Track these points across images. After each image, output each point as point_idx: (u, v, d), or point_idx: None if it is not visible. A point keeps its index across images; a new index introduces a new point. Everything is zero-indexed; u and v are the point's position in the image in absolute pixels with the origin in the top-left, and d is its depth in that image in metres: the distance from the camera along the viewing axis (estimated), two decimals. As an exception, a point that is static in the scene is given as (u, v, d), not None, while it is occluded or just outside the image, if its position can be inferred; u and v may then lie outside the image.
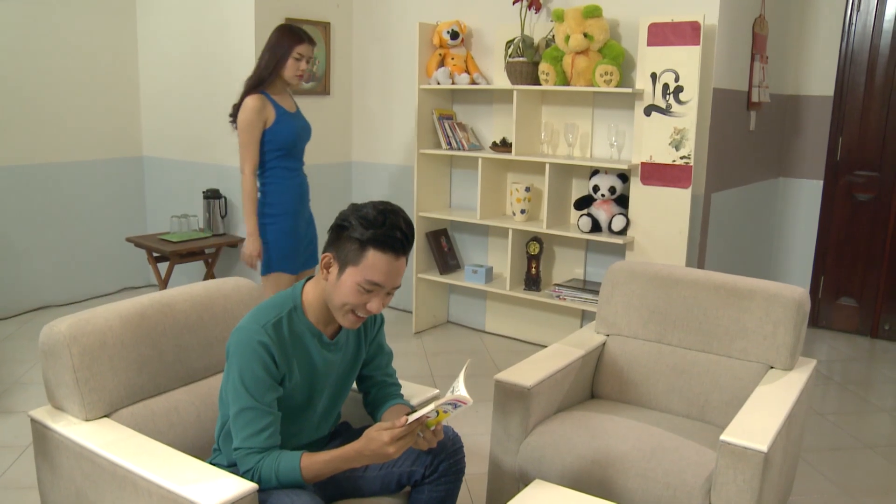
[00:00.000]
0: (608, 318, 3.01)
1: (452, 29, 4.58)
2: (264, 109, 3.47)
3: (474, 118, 4.85)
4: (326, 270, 1.90)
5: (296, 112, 3.68)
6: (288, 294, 1.99)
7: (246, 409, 1.84)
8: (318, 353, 1.98)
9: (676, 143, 3.99)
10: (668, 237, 4.11)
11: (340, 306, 1.89)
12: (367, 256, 1.83)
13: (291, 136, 3.56)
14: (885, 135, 4.92)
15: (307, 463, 1.81)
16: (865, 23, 4.89)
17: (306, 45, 3.51)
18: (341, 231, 1.88)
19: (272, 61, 3.49)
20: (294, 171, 3.65)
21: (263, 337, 1.85)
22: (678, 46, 3.89)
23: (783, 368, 2.70)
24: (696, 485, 2.26)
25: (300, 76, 3.55)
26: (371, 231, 1.83)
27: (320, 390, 2.02)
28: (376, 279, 1.85)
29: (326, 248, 1.92)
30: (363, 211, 1.86)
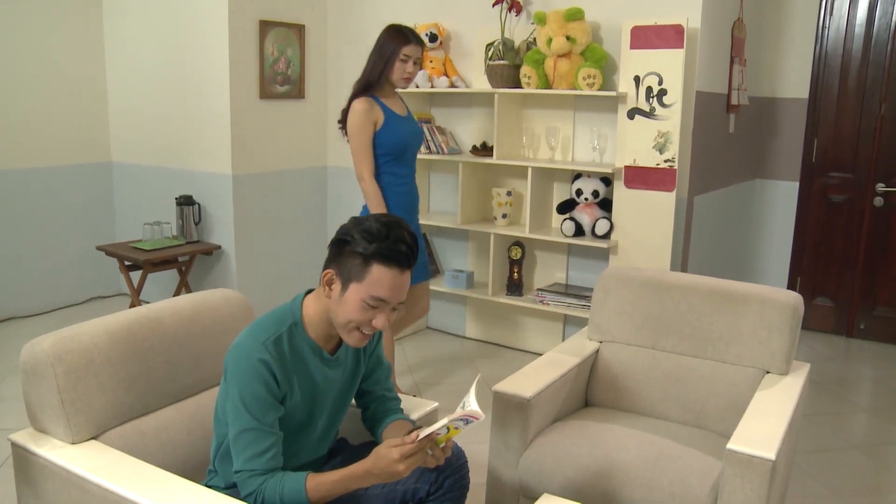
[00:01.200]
0: (601, 325, 2.97)
1: (431, 31, 4.52)
2: (372, 111, 3.38)
3: (453, 122, 4.79)
4: (329, 287, 1.83)
5: (407, 116, 3.56)
6: (287, 308, 1.91)
7: (247, 430, 1.76)
8: (319, 369, 1.91)
9: (660, 147, 3.98)
10: (652, 241, 4.09)
11: (345, 324, 1.82)
12: (371, 271, 1.77)
13: (401, 140, 3.44)
14: (859, 137, 4.97)
15: (313, 485, 1.74)
16: (838, 27, 4.93)
17: (413, 45, 3.39)
18: (343, 246, 1.81)
19: (379, 64, 3.41)
20: (404, 178, 3.51)
21: (264, 354, 1.78)
22: (662, 49, 3.87)
23: (779, 373, 2.69)
24: (701, 494, 2.22)
25: (406, 78, 3.43)
26: (375, 245, 1.76)
27: (321, 408, 1.95)
28: (381, 295, 1.78)
29: (328, 264, 1.85)
30: (366, 224, 1.80)
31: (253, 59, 4.70)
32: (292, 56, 4.94)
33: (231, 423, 1.78)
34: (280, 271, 5.13)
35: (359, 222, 1.81)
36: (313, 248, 5.36)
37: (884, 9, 4.80)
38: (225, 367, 1.83)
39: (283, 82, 4.90)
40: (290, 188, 5.13)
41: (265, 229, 5.00)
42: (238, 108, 4.66)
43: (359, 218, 1.85)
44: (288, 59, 4.91)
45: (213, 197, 4.83)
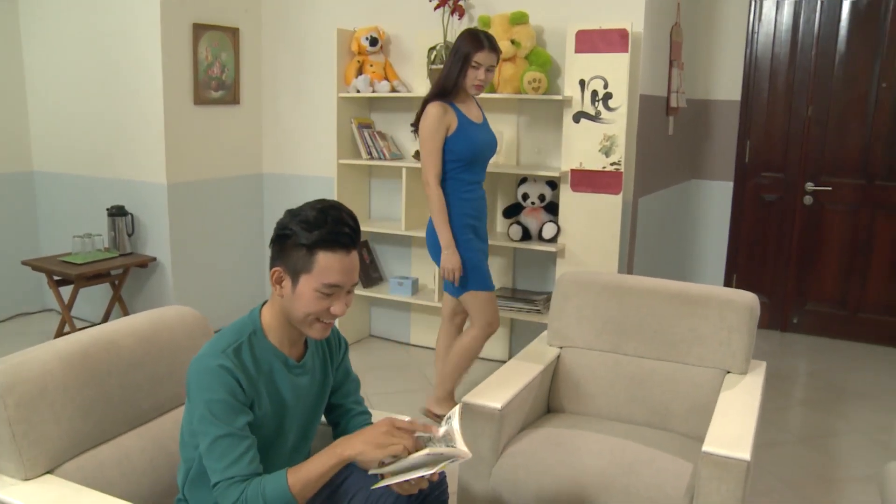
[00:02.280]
0: (561, 331, 2.96)
1: (371, 35, 4.45)
2: (446, 116, 3.30)
3: (393, 127, 4.73)
4: (279, 286, 1.77)
5: (482, 123, 3.48)
6: (245, 319, 1.85)
7: (220, 438, 1.67)
8: (285, 378, 1.84)
9: (606, 150, 4.00)
10: (599, 243, 4.11)
11: (304, 318, 1.77)
12: (317, 260, 1.72)
13: (473, 147, 3.37)
14: (788, 138, 5.12)
15: (294, 479, 1.67)
16: (767, 31, 5.06)
17: (486, 52, 3.27)
18: (284, 240, 1.75)
19: (454, 69, 3.31)
20: (474, 185, 3.44)
21: (224, 361, 1.71)
22: (607, 54, 3.89)
23: (739, 373, 2.73)
24: (677, 497, 2.23)
25: (478, 86, 3.33)
26: (316, 233, 1.71)
27: (291, 420, 1.88)
28: (333, 280, 1.74)
29: (273, 263, 1.79)
30: (302, 214, 1.75)
31: (186, 63, 4.54)
32: (227, 60, 4.79)
33: (202, 437, 1.69)
34: (218, 282, 4.97)
35: (294, 214, 1.76)
36: (251, 257, 5.21)
37: (807, 16, 4.95)
38: (187, 383, 1.75)
39: (217, 87, 4.75)
40: (225, 196, 4.97)
41: (202, 239, 4.83)
42: (172, 115, 4.49)
43: (293, 210, 1.79)
44: (222, 63, 4.76)
45: (146, 207, 4.64)
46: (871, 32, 4.80)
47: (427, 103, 3.33)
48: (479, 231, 3.51)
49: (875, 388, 4.31)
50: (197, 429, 1.70)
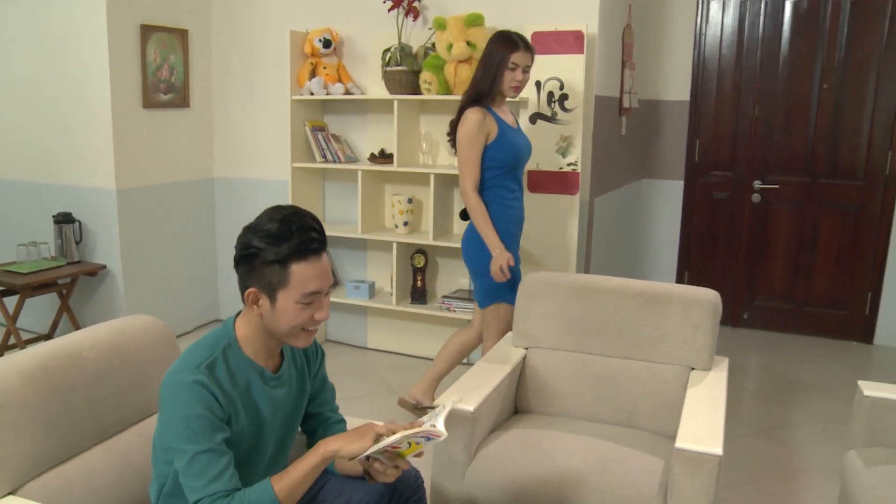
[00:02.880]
0: (527, 331, 2.96)
1: (325, 37, 4.40)
2: (486, 123, 3.20)
3: (347, 129, 4.68)
4: (256, 306, 1.72)
5: (517, 128, 3.38)
6: (219, 332, 1.79)
7: (200, 454, 1.61)
8: (262, 390, 1.79)
9: (563, 151, 4.02)
10: (557, 243, 4.13)
11: (290, 331, 1.73)
12: (292, 273, 1.68)
13: (515, 153, 3.28)
14: (736, 137, 5.22)
15: (280, 486, 1.63)
16: (714, 33, 5.16)
17: (522, 52, 3.18)
18: (252, 260, 1.69)
19: (489, 73, 3.21)
20: (514, 193, 3.35)
21: (199, 376, 1.66)
22: (562, 55, 3.92)
23: (703, 369, 2.77)
24: (651, 494, 2.24)
25: (516, 87, 3.23)
26: (285, 246, 1.67)
27: (268, 433, 1.83)
28: (312, 288, 1.70)
29: (245, 284, 1.73)
30: (263, 229, 1.68)
31: (134, 65, 4.42)
32: (176, 63, 4.69)
33: (179, 455, 1.63)
34: (171, 290, 4.85)
35: (255, 229, 1.70)
36: (204, 263, 5.11)
37: (751, 18, 5.06)
38: (161, 398, 1.69)
39: (166, 90, 4.65)
40: (176, 201, 4.86)
41: (152, 246, 4.71)
42: (120, 118, 4.37)
43: (251, 225, 1.72)
44: (171, 65, 4.65)
45: (95, 213, 4.51)
46: (811, 35, 4.93)
47: (463, 109, 3.24)
48: (517, 238, 3.45)
49: (824, 380, 4.42)
50: (173, 446, 1.64)
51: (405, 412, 3.76)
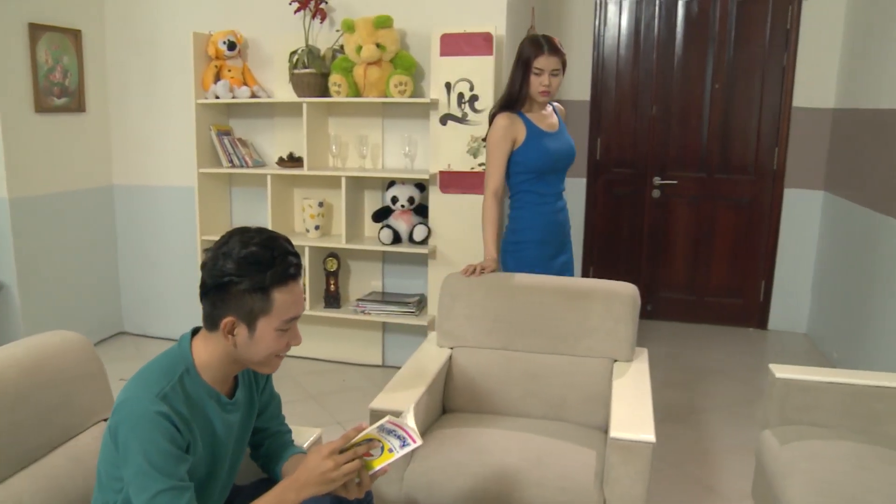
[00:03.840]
0: (452, 331, 2.97)
1: (229, 39, 4.29)
2: (512, 128, 3.13)
3: (254, 133, 4.59)
4: (231, 335, 1.65)
5: (556, 132, 3.25)
6: (175, 354, 1.71)
7: (162, 493, 1.53)
8: (219, 416, 1.73)
9: (474, 151, 4.06)
10: (470, 244, 4.16)
11: (265, 358, 1.69)
12: (275, 300, 1.63)
13: (543, 159, 3.17)
14: (635, 135, 5.41)
15: None
16: (612, 35, 5.33)
17: (545, 56, 3.06)
18: (228, 287, 1.62)
19: (516, 78, 3.12)
20: (546, 197, 3.24)
21: (161, 406, 1.57)
22: (472, 56, 3.96)
23: (626, 360, 2.85)
24: (588, 484, 2.30)
25: (544, 92, 3.11)
26: (269, 273, 1.62)
27: (223, 459, 1.77)
28: (293, 314, 1.68)
29: (219, 314, 1.64)
30: (240, 254, 1.61)
31: (23, 67, 4.19)
32: (69, 65, 4.47)
33: (138, 491, 1.54)
34: (70, 304, 4.63)
35: (226, 254, 1.62)
36: (105, 275, 4.91)
37: (647, 21, 5.26)
38: (113, 429, 1.59)
39: (60, 94, 4.43)
40: (74, 211, 4.64)
41: (50, 258, 4.47)
42: (10, 123, 4.13)
43: (222, 251, 1.64)
44: (64, 68, 4.44)
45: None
46: (702, 37, 5.16)
47: (494, 115, 3.20)
48: (558, 244, 3.33)
49: (727, 365, 4.63)
50: (133, 481, 1.56)
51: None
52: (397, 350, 4.57)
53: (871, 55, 4.32)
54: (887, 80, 4.02)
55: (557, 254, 3.31)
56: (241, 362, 1.72)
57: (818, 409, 2.63)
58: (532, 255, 3.25)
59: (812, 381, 2.63)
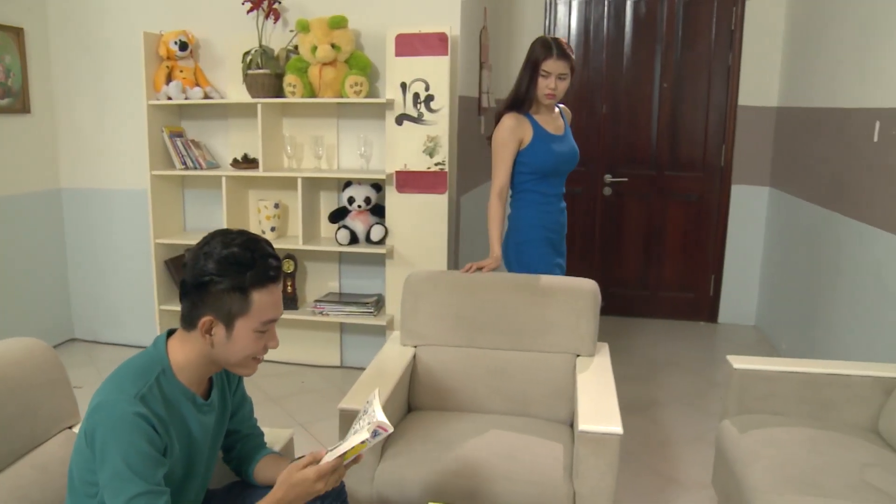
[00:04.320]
0: (415, 330, 2.99)
1: (181, 39, 4.23)
2: (519, 128, 3.13)
3: (206, 135, 4.53)
4: (209, 335, 1.65)
5: (562, 135, 3.26)
6: (151, 356, 1.70)
7: (140, 496, 1.52)
8: (195, 418, 1.72)
9: (430, 151, 4.08)
10: (427, 242, 4.19)
11: (242, 360, 1.68)
12: (253, 301, 1.63)
13: (549, 160, 3.18)
14: (587, 134, 5.48)
15: None
16: (562, 35, 5.40)
17: (554, 60, 3.04)
18: (207, 287, 1.62)
19: (524, 79, 3.11)
20: (550, 197, 3.27)
21: (140, 408, 1.55)
22: (427, 57, 3.98)
23: (588, 355, 2.91)
24: (557, 477, 2.34)
25: (550, 95, 3.09)
26: (250, 274, 1.62)
27: (199, 460, 1.76)
28: (270, 316, 1.68)
29: (198, 313, 1.64)
30: (222, 254, 1.62)
31: (-36, 68, 4.08)
32: (11, 64, 4.36)
33: (114, 494, 1.52)
34: (18, 310, 4.51)
35: (208, 255, 1.63)
36: (54, 280, 4.79)
37: (596, 22, 5.35)
38: (90, 432, 1.57)
39: (3, 95, 4.31)
40: (20, 215, 4.52)
41: (-5, 266, 4.37)
42: (-48, 127, 4.03)
43: (204, 251, 1.64)
44: (7, 67, 4.32)
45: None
46: (650, 37, 5.26)
47: (501, 114, 3.20)
48: (557, 245, 3.38)
49: (680, 359, 4.74)
50: (109, 484, 1.53)
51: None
52: (356, 350, 4.57)
53: (810, 55, 4.46)
54: (826, 80, 4.16)
55: (556, 254, 3.35)
56: (218, 363, 1.72)
57: (774, 398, 2.71)
58: (535, 254, 3.27)
59: (768, 371, 2.72)
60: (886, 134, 3.37)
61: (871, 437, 2.55)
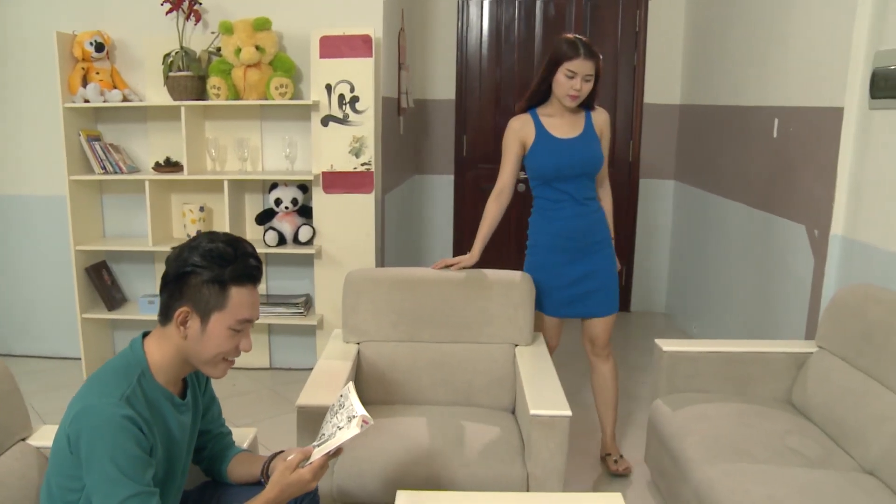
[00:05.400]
0: (358, 327, 3.06)
1: (96, 40, 4.14)
2: (522, 131, 3.08)
3: (124, 138, 4.44)
4: (183, 327, 1.69)
5: (572, 139, 3.05)
6: (129, 358, 1.72)
7: (131, 497, 1.55)
8: (174, 418, 1.76)
9: (356, 151, 4.15)
10: (355, 241, 4.26)
11: (213, 358, 1.72)
12: (231, 296, 1.69)
13: (545, 164, 3.06)
14: (499, 132, 5.60)
15: None
16: (475, 36, 5.56)
17: (581, 60, 2.87)
18: (187, 278, 1.67)
19: (545, 77, 2.99)
20: (560, 203, 3.12)
21: (126, 410, 1.58)
22: (352, 58, 4.04)
23: (526, 344, 3.06)
24: (510, 460, 2.47)
25: (573, 96, 2.94)
26: (230, 268, 1.68)
27: (179, 460, 1.80)
28: (246, 315, 1.73)
29: (175, 303, 1.69)
30: (206, 247, 1.69)
31: None
32: (-87, 69, 4.16)
33: (105, 498, 1.54)
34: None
35: (193, 248, 1.70)
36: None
37: (507, 23, 5.52)
38: (74, 438, 1.58)
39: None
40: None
41: None
42: None
43: (190, 245, 1.71)
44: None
45: None
46: (560, 37, 5.47)
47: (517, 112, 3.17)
48: (576, 251, 3.17)
49: (598, 346, 4.95)
50: (98, 489, 1.55)
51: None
52: (284, 351, 4.59)
53: (710, 56, 4.76)
54: (727, 79, 4.45)
55: (574, 260, 3.17)
56: (191, 361, 1.75)
57: (700, 377, 2.93)
58: (540, 260, 3.21)
59: (694, 352, 2.94)
60: (784, 130, 3.66)
61: (787, 407, 2.80)
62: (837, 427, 2.53)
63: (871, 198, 2.95)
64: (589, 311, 3.25)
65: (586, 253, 3.18)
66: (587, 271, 3.18)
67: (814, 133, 3.37)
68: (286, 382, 4.36)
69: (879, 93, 2.90)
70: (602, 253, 3.23)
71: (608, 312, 3.29)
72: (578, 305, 3.22)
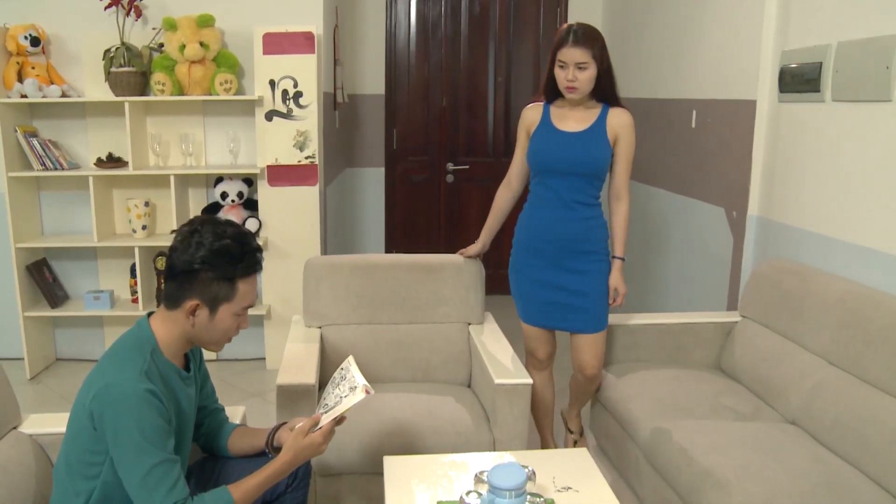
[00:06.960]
0: (319, 311, 3.22)
1: (31, 34, 4.12)
2: (530, 118, 2.95)
3: (62, 134, 4.42)
4: (192, 316, 1.83)
5: (575, 133, 2.82)
6: (139, 335, 1.84)
7: (158, 465, 1.69)
8: (182, 390, 1.90)
9: (300, 145, 4.28)
10: (300, 233, 4.39)
11: (220, 338, 1.88)
12: (238, 289, 1.84)
13: (536, 154, 2.90)
14: (428, 125, 5.86)
15: (239, 495, 1.77)
16: (403, 33, 5.73)
17: (568, 48, 2.68)
18: (195, 274, 1.80)
19: (548, 70, 2.83)
20: (544, 200, 2.91)
21: (147, 384, 1.72)
22: (294, 55, 4.16)
23: (478, 323, 3.28)
24: (478, 426, 2.69)
25: (569, 88, 2.74)
26: (240, 266, 1.83)
27: (188, 431, 1.94)
28: (250, 302, 1.90)
29: (184, 296, 1.81)
30: (214, 246, 1.79)
31: None
32: None
33: (132, 468, 1.68)
34: None
35: (201, 244, 1.79)
36: None
37: (434, 20, 5.72)
38: (98, 415, 1.70)
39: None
40: None
41: None
42: None
43: (195, 239, 1.80)
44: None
45: None
46: (485, 34, 5.72)
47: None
48: (553, 259, 2.94)
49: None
50: (125, 459, 1.68)
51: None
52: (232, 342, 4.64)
53: (630, 51, 5.09)
54: (646, 73, 4.78)
55: (553, 266, 2.94)
56: (194, 341, 1.90)
57: (640, 347, 3.23)
58: (515, 259, 3.11)
59: (633, 325, 3.23)
60: (702, 121, 4.00)
61: (718, 371, 3.13)
62: (762, 385, 2.85)
63: (783, 181, 3.30)
64: (570, 326, 2.97)
65: (570, 261, 2.91)
66: (569, 282, 2.91)
67: (729, 123, 3.71)
68: (236, 373, 4.45)
69: (786, 87, 3.24)
70: (593, 267, 2.92)
71: (590, 329, 2.95)
72: (557, 317, 2.98)
